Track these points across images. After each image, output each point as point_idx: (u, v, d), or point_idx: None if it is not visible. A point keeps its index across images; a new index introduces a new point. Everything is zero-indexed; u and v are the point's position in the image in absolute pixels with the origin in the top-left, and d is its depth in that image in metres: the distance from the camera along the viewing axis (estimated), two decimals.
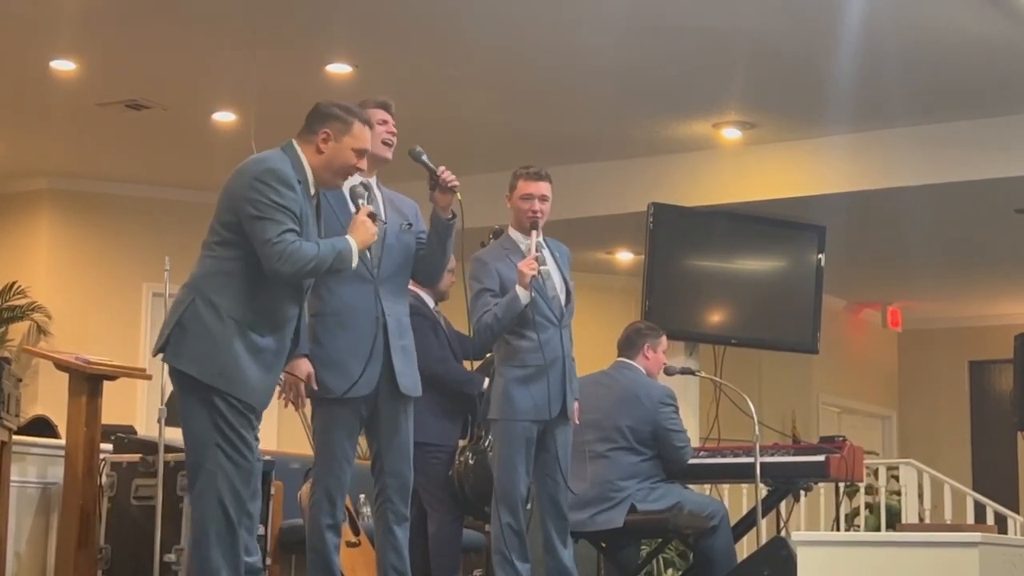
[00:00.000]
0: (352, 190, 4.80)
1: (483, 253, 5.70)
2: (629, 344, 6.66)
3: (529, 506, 5.65)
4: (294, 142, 4.56)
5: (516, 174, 5.69)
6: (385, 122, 5.06)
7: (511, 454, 5.54)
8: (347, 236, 4.56)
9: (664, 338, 6.77)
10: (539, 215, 5.63)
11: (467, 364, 6.27)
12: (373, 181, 5.03)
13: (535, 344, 5.56)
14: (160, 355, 4.50)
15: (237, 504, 4.41)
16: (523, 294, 5.52)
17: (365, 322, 4.90)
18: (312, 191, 4.57)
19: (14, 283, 10.17)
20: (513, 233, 5.71)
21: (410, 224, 5.07)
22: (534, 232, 5.62)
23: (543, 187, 5.64)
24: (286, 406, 4.93)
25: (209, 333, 4.39)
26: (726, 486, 9.02)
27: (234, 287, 4.43)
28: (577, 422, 5.79)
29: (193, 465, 4.44)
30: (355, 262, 4.55)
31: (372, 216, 4.65)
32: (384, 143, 5.04)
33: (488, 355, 6.16)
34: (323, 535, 4.91)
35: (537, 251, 5.59)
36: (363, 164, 4.61)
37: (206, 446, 4.40)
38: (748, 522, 7.09)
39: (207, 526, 4.38)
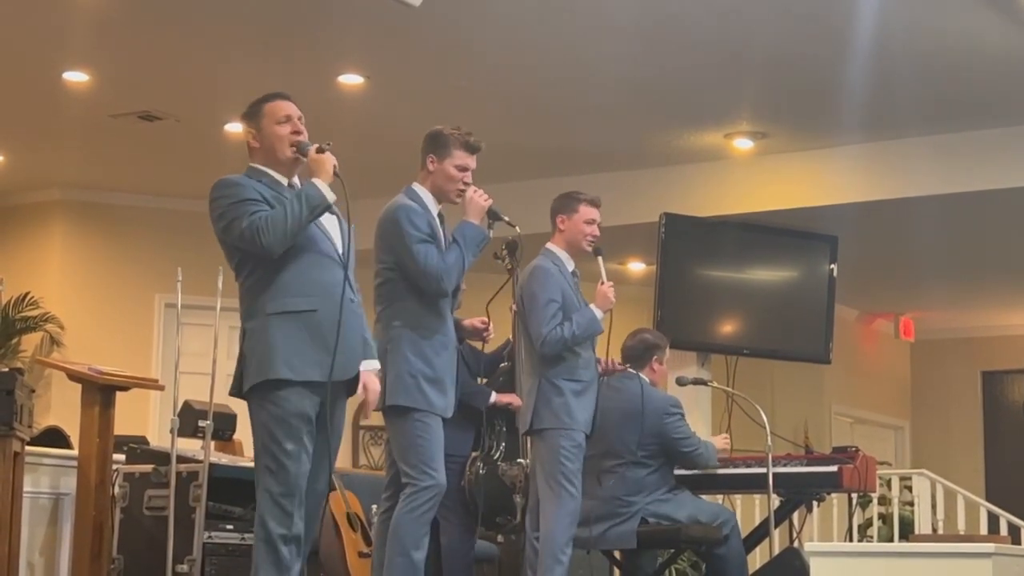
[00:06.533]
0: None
1: (546, 263, 5.76)
2: (636, 356, 6.64)
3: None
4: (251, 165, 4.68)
5: (576, 198, 5.89)
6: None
7: (574, 461, 5.61)
8: (310, 180, 4.56)
9: (667, 347, 6.79)
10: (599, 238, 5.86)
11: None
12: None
13: (586, 361, 5.73)
14: (239, 392, 4.49)
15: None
16: (601, 318, 5.68)
17: (452, 344, 5.12)
18: (286, 183, 4.61)
19: (27, 294, 10.18)
20: (559, 251, 5.84)
21: None
22: (600, 257, 5.82)
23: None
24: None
25: (265, 338, 4.39)
26: (738, 496, 9.00)
27: (265, 290, 4.45)
28: None
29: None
30: (330, 196, 4.50)
31: (320, 150, 4.61)
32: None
33: (503, 364, 6.16)
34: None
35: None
36: (293, 126, 4.66)
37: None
38: (761, 533, 7.07)
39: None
